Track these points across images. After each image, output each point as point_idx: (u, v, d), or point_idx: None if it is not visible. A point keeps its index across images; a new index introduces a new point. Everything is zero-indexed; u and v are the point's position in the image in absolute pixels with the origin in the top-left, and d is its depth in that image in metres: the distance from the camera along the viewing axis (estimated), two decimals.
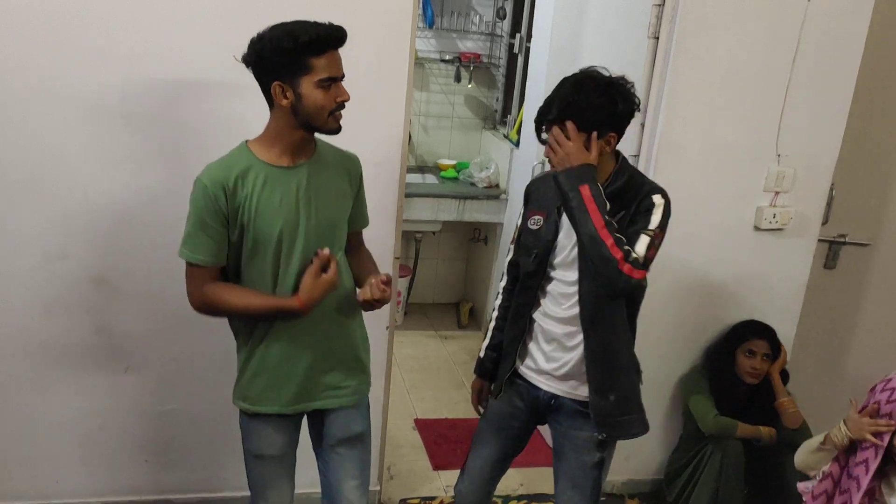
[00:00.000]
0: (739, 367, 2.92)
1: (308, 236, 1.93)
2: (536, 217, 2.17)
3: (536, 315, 2.19)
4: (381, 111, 2.57)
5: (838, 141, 2.91)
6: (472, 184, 4.47)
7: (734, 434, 2.82)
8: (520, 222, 2.26)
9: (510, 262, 2.33)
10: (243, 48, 1.83)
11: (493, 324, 2.37)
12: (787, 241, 2.98)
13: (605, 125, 1.97)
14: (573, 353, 2.13)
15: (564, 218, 2.07)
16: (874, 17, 2.80)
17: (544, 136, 2.03)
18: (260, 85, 1.85)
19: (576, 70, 2.03)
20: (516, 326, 2.23)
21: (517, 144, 4.26)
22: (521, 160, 4.18)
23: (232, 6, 2.36)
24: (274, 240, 1.90)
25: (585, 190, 1.92)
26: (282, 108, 1.84)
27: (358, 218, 2.14)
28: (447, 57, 4.59)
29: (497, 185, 4.46)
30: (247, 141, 1.93)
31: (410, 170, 4.50)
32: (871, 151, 3.17)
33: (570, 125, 1.95)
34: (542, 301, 2.17)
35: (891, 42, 3.04)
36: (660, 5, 2.70)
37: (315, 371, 2.03)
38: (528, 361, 2.22)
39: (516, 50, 4.44)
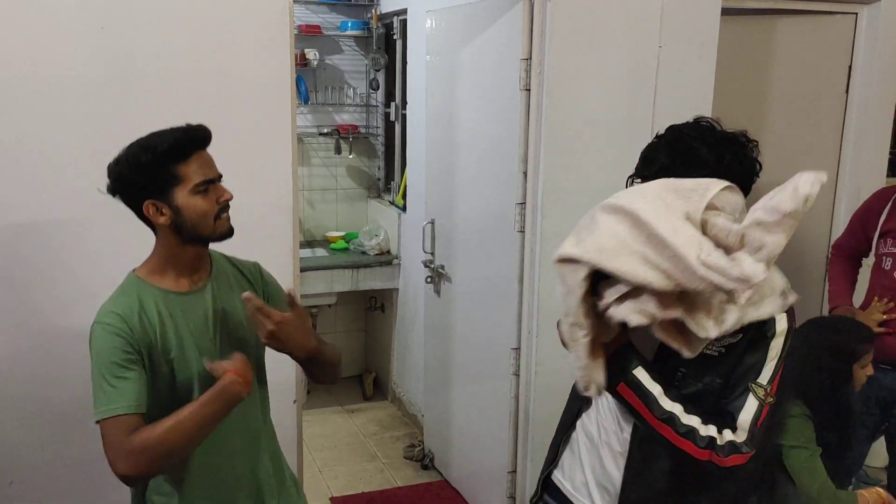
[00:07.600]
0: (857, 383, 2.38)
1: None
2: None
3: None
4: (268, 184, 2.54)
5: None
6: (364, 252, 4.47)
7: None
8: None
9: None
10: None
11: None
12: None
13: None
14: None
15: None
16: (721, 58, 3.04)
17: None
18: (133, 210, 1.67)
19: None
20: None
21: (404, 209, 4.30)
22: (409, 224, 4.22)
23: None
24: (194, 378, 1.68)
25: (622, 388, 1.57)
26: (163, 228, 1.66)
27: None
28: (325, 130, 4.62)
29: (388, 252, 4.47)
30: (135, 270, 1.73)
31: (299, 245, 4.44)
32: None
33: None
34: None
35: (739, 82, 3.29)
36: (527, 59, 2.83)
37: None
38: None
39: (393, 118, 4.53)
